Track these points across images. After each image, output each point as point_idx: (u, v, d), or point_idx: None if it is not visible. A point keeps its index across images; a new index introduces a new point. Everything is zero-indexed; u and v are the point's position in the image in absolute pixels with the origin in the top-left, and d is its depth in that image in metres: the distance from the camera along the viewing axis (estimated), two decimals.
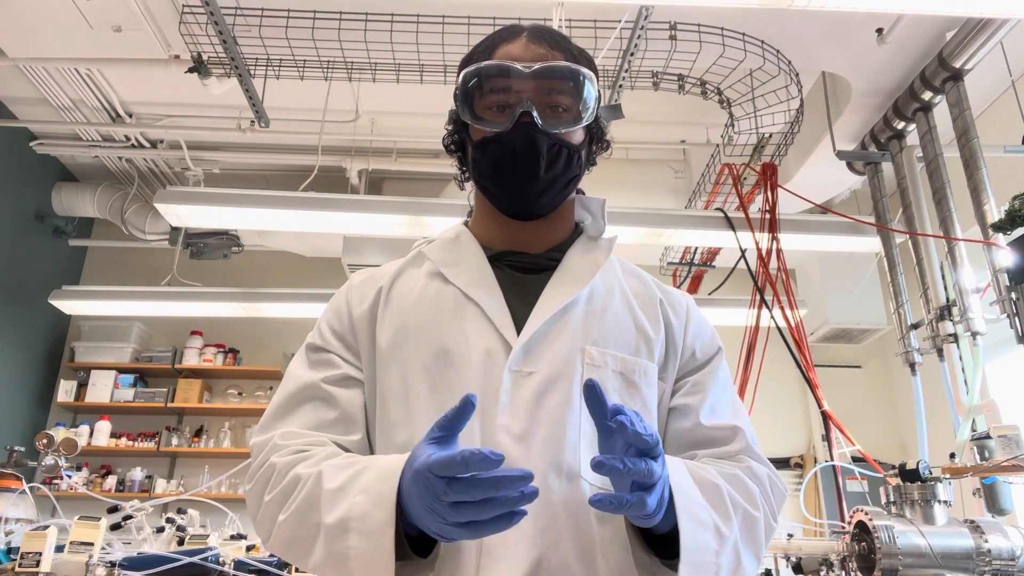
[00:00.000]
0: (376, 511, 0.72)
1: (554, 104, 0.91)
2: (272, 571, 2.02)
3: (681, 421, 0.93)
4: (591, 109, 0.93)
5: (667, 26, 2.81)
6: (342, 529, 0.74)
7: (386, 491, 0.73)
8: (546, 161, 0.90)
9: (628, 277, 1.01)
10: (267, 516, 0.81)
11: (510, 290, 0.92)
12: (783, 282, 3.03)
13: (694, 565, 0.75)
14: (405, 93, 3.23)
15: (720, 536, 0.78)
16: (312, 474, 0.79)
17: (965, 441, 2.32)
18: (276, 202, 3.02)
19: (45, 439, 2.49)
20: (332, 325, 0.96)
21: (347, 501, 0.75)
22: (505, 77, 0.91)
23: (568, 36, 1.01)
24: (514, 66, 0.90)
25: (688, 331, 0.98)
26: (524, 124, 0.89)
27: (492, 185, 0.95)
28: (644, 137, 4.08)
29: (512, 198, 0.94)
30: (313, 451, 0.84)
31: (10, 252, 4.36)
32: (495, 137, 0.91)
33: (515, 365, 0.85)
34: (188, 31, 2.86)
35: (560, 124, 0.91)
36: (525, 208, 0.95)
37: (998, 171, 2.80)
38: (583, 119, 0.92)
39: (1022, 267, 2.23)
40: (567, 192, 0.97)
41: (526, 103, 0.89)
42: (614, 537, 0.81)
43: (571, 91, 0.92)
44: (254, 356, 4.93)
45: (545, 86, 0.91)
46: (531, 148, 0.89)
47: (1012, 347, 2.38)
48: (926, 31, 2.97)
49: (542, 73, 0.90)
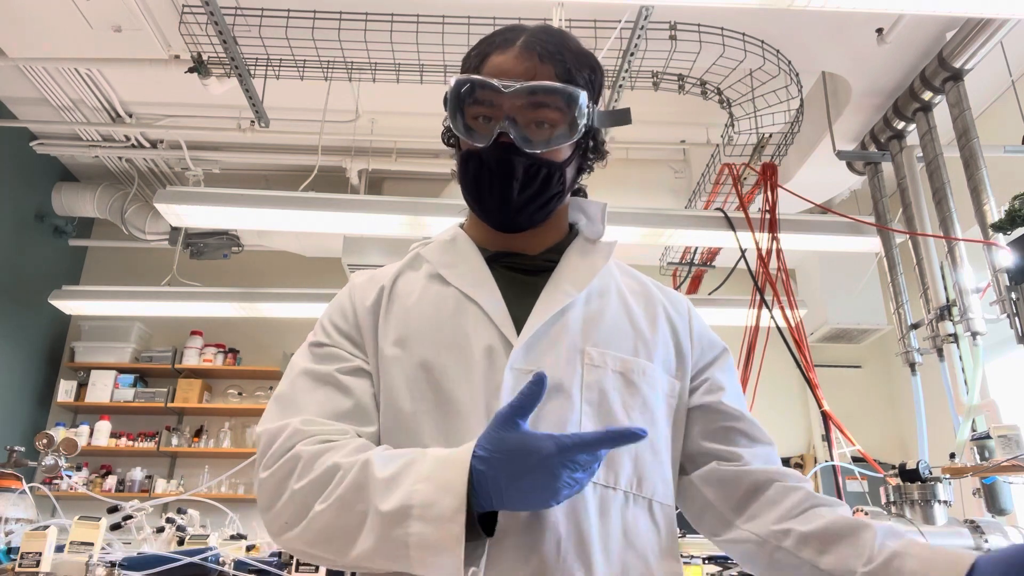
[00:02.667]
0: (444, 498, 0.71)
1: (540, 120, 0.90)
2: (272, 571, 2.02)
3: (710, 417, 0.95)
4: (579, 125, 0.91)
5: (667, 26, 2.81)
6: (402, 516, 0.72)
7: (454, 478, 0.71)
8: (520, 183, 0.90)
9: (625, 278, 1.01)
10: (296, 506, 0.78)
11: (508, 291, 0.92)
12: (783, 282, 3.03)
13: None
14: (405, 93, 3.23)
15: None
16: (356, 462, 0.77)
17: (965, 441, 2.31)
18: (276, 202, 3.02)
19: (45, 439, 2.49)
20: (337, 323, 0.95)
21: (404, 489, 0.73)
22: (488, 91, 0.90)
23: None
24: (492, 83, 0.89)
25: (693, 331, 0.99)
26: (501, 144, 0.89)
27: (471, 200, 0.96)
28: (644, 137, 4.09)
29: (490, 214, 0.95)
30: (343, 441, 0.82)
31: (10, 252, 4.36)
32: (476, 153, 0.92)
33: (517, 363, 0.85)
34: (188, 31, 2.86)
35: (542, 143, 0.90)
36: (503, 224, 0.95)
37: (998, 171, 2.80)
38: (570, 136, 0.91)
39: (1022, 267, 2.23)
40: (549, 208, 0.96)
41: (504, 123, 0.88)
42: (615, 538, 0.81)
43: (559, 106, 0.90)
44: (254, 356, 4.93)
45: (531, 101, 0.90)
46: (506, 169, 0.90)
47: (1012, 347, 2.38)
48: (926, 31, 2.97)
49: (521, 92, 0.89)
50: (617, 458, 0.84)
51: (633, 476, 0.85)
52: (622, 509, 0.83)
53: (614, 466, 0.84)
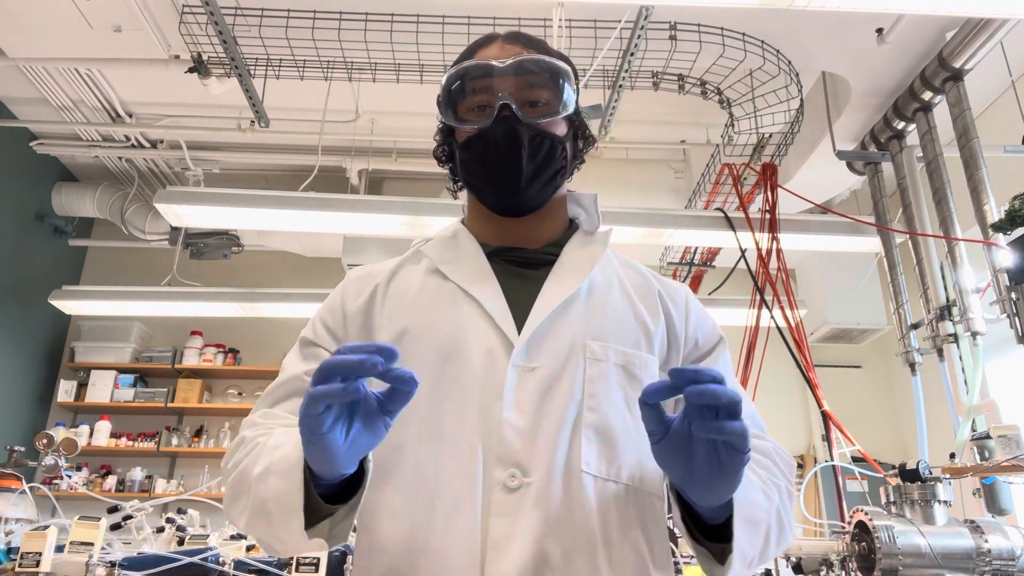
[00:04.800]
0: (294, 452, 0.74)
1: (533, 99, 0.94)
2: (272, 571, 2.02)
3: None
4: (570, 101, 0.95)
5: (667, 26, 2.81)
6: (266, 473, 0.77)
7: None
8: (528, 152, 0.92)
9: (626, 270, 1.01)
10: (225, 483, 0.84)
11: (509, 285, 0.93)
12: (783, 282, 3.03)
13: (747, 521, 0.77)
14: (405, 93, 3.23)
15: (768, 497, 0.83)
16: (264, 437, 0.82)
17: (965, 441, 2.31)
18: (276, 202, 3.02)
19: (45, 439, 2.49)
20: (325, 320, 0.97)
21: (279, 452, 0.77)
22: (484, 77, 0.93)
23: (567, 36, 1.02)
24: (490, 62, 0.93)
25: (689, 322, 0.99)
26: (504, 117, 0.91)
27: (479, 181, 0.96)
28: (644, 137, 4.08)
29: (499, 193, 0.95)
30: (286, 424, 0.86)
31: (10, 252, 4.36)
32: (478, 134, 0.93)
33: (519, 360, 0.86)
34: (188, 31, 2.86)
35: (540, 116, 0.93)
36: (513, 202, 0.96)
37: (998, 171, 2.80)
38: (562, 110, 0.95)
39: (1022, 267, 2.23)
40: (554, 185, 0.98)
41: (505, 96, 0.91)
42: (616, 531, 0.82)
43: (548, 84, 0.94)
44: (254, 356, 4.93)
45: (523, 82, 0.93)
46: (512, 139, 0.92)
47: (1012, 347, 2.38)
48: (926, 31, 2.97)
49: (517, 66, 0.92)
50: (620, 452, 0.85)
51: (636, 470, 0.86)
52: (623, 502, 0.84)
53: (616, 460, 0.84)
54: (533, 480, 0.80)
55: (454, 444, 0.83)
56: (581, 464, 0.82)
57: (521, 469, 0.80)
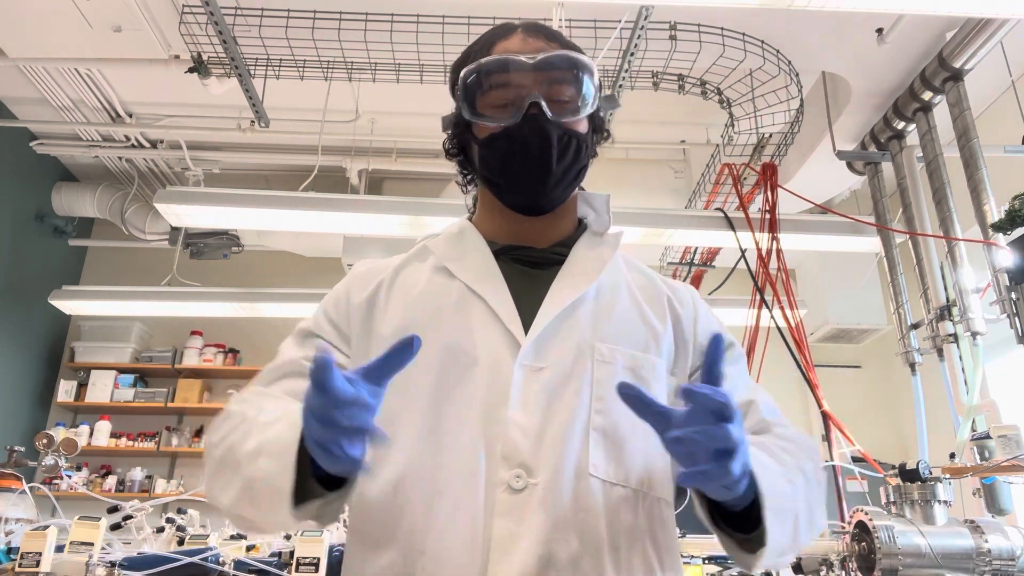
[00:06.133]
0: (288, 433, 0.72)
1: (558, 96, 0.91)
2: (272, 571, 2.02)
3: None
4: (594, 97, 0.93)
5: (667, 26, 2.81)
6: (256, 452, 0.75)
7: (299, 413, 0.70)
8: (558, 152, 0.90)
9: (633, 273, 1.00)
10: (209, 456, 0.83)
11: (516, 284, 0.91)
12: (783, 282, 3.03)
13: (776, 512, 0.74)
14: (405, 93, 3.23)
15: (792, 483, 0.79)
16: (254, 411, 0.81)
17: (965, 441, 2.31)
18: (276, 202, 3.02)
19: (45, 439, 2.49)
20: (328, 312, 0.96)
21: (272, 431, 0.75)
22: (507, 72, 0.90)
23: (567, 36, 1.01)
24: (518, 58, 0.90)
25: (697, 323, 0.97)
26: (533, 116, 0.88)
27: (503, 180, 0.93)
28: (644, 137, 4.08)
29: (524, 193, 0.93)
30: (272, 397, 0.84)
31: (10, 252, 4.36)
32: (503, 132, 0.90)
33: (526, 360, 0.84)
34: (188, 31, 2.86)
35: (566, 114, 0.91)
36: (536, 202, 0.94)
37: (998, 171, 2.80)
38: (587, 107, 0.92)
39: (1022, 267, 2.23)
40: (576, 183, 0.96)
41: (534, 95, 0.88)
42: (624, 536, 0.80)
43: (573, 81, 0.92)
44: (254, 356, 4.93)
45: (547, 77, 0.90)
46: (543, 140, 0.89)
47: (1012, 347, 2.38)
48: (926, 31, 2.97)
49: (545, 63, 0.90)
50: (628, 456, 0.84)
51: (644, 474, 0.84)
52: (631, 507, 0.82)
53: (624, 464, 0.83)
54: (539, 481, 0.78)
55: (455, 443, 0.81)
56: (589, 467, 0.81)
57: (527, 470, 0.79)
